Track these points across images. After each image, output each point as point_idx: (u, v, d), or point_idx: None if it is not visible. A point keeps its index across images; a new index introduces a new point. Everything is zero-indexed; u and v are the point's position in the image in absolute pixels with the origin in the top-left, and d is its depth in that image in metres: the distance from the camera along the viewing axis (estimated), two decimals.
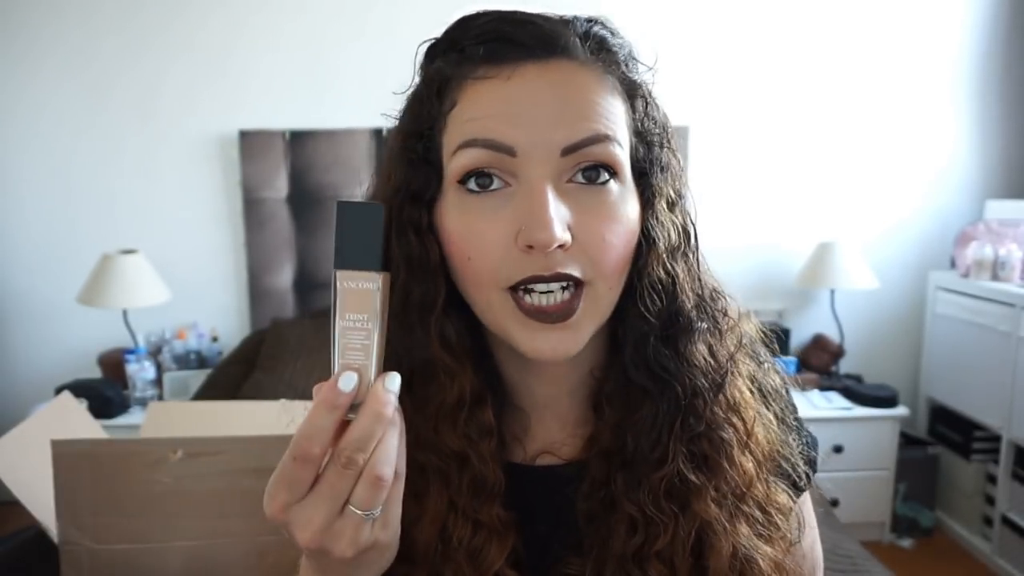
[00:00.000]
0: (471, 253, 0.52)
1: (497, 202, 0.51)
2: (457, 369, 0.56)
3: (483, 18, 0.54)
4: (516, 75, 0.51)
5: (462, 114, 0.52)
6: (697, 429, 0.57)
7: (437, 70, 0.54)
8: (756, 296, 2.94)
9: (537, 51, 0.52)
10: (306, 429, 0.44)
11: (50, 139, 2.79)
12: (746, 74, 2.87)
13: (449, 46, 0.55)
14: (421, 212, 0.55)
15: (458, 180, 0.52)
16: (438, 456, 0.57)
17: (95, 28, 2.73)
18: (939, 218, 2.97)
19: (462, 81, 0.53)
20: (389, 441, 0.45)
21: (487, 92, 0.51)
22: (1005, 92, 2.93)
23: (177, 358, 2.73)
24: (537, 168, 0.50)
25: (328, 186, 2.78)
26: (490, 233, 0.51)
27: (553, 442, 0.62)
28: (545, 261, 0.50)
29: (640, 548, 0.56)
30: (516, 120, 0.50)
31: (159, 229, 2.84)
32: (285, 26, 2.78)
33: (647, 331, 0.56)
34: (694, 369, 0.57)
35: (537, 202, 0.49)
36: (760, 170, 2.93)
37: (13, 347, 2.90)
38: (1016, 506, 2.50)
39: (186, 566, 1.21)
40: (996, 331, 2.50)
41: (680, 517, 0.56)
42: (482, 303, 0.54)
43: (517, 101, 0.51)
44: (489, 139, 0.50)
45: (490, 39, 0.52)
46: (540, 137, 0.50)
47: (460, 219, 0.52)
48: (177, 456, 1.20)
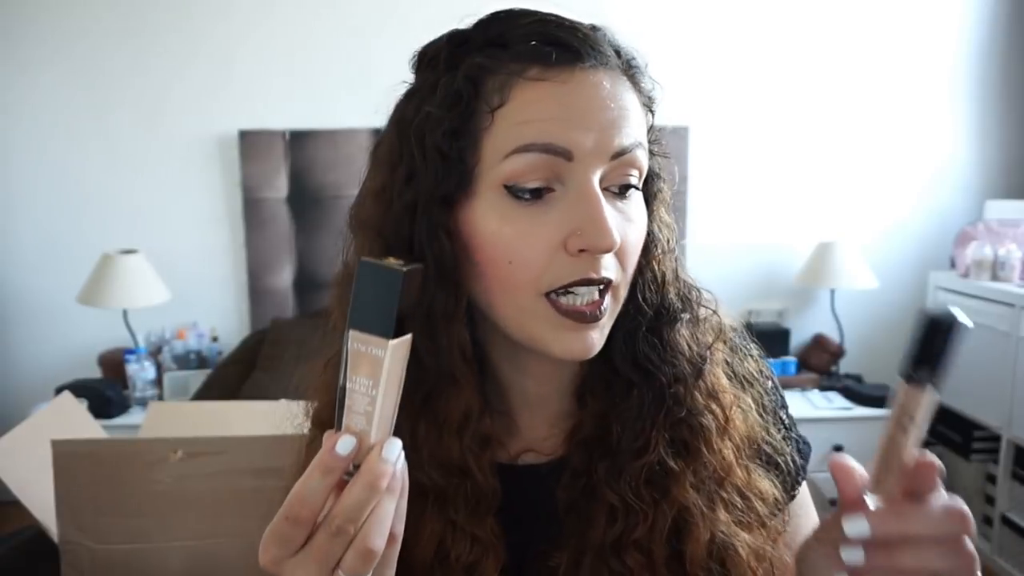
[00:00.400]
0: (512, 257, 0.52)
1: (543, 207, 0.52)
2: (469, 380, 0.56)
3: (528, 17, 0.54)
4: (569, 80, 0.51)
5: (515, 115, 0.51)
6: (678, 415, 0.58)
7: (478, 65, 0.52)
8: (756, 296, 2.94)
9: (587, 58, 0.52)
10: (299, 489, 0.43)
11: (51, 139, 2.79)
12: (746, 74, 2.87)
13: (489, 42, 0.53)
14: (450, 214, 0.53)
15: (504, 184, 0.51)
16: (440, 472, 0.56)
17: (96, 30, 2.73)
18: (939, 218, 2.97)
19: (511, 78, 0.52)
20: (383, 510, 0.44)
21: (543, 94, 0.51)
22: (1005, 92, 2.93)
23: (177, 358, 2.73)
24: (589, 172, 0.51)
25: (328, 186, 2.79)
26: (537, 238, 0.51)
27: (536, 439, 0.62)
28: (594, 264, 0.52)
29: (619, 537, 0.57)
30: (575, 124, 0.51)
31: (159, 229, 2.84)
32: (285, 26, 2.78)
33: (639, 323, 0.58)
34: (678, 356, 0.59)
35: (595, 207, 0.51)
36: (760, 170, 2.93)
37: (13, 347, 2.90)
38: (1016, 506, 2.49)
39: (186, 566, 1.21)
40: (996, 331, 2.50)
41: (660, 504, 0.57)
42: (510, 308, 0.54)
43: (575, 105, 0.51)
44: (548, 143, 0.50)
45: (541, 40, 0.52)
46: (597, 141, 0.51)
47: (503, 223, 0.52)
48: (177, 456, 1.20)
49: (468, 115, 0.52)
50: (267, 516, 0.46)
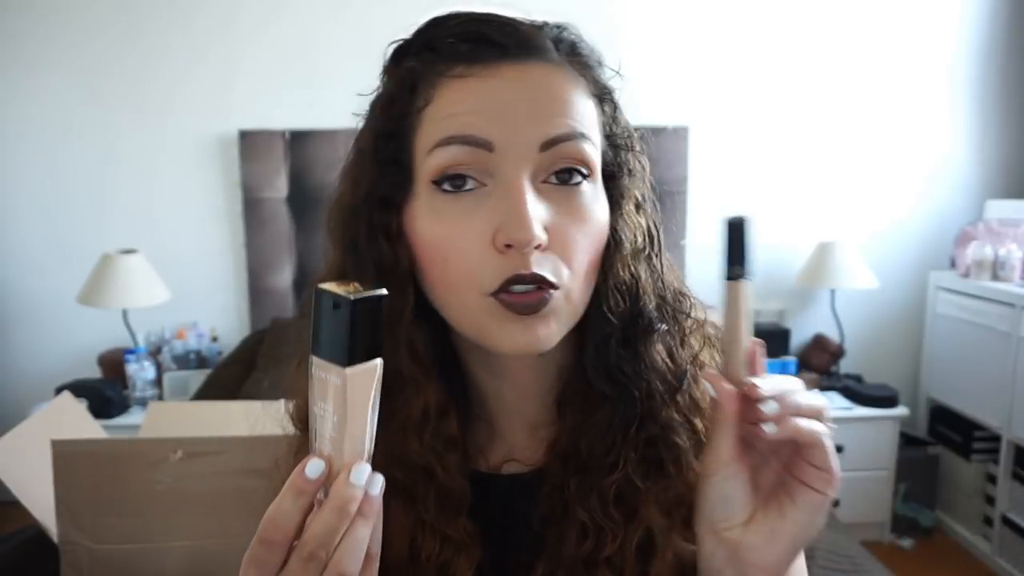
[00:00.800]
0: (447, 255, 0.51)
1: (472, 203, 0.51)
2: (424, 380, 0.56)
3: (458, 18, 0.54)
4: (493, 75, 0.51)
5: (438, 112, 0.52)
6: (651, 432, 0.57)
7: (410, 69, 0.54)
8: (756, 296, 2.93)
9: (514, 52, 0.52)
10: (272, 512, 0.43)
11: (50, 139, 2.79)
12: (746, 74, 2.87)
13: (422, 46, 0.54)
14: (391, 216, 0.54)
15: (432, 180, 0.51)
16: (403, 471, 0.56)
17: (95, 29, 2.73)
18: (939, 218, 2.97)
19: (437, 79, 0.52)
20: (356, 535, 0.43)
21: (464, 89, 0.51)
22: (1005, 91, 2.93)
23: (177, 358, 2.73)
24: (514, 164, 0.50)
25: (328, 186, 2.76)
26: (466, 234, 0.51)
27: (517, 448, 0.62)
28: (523, 260, 0.50)
29: (590, 554, 0.56)
30: (494, 115, 0.50)
31: (159, 229, 2.84)
32: (285, 26, 2.78)
33: (609, 332, 0.56)
34: (652, 372, 0.57)
35: (516, 199, 0.49)
36: (760, 170, 2.93)
37: (13, 347, 2.90)
38: (1016, 506, 2.49)
39: (186, 566, 1.21)
40: (996, 331, 2.50)
41: (628, 524, 0.56)
42: (458, 306, 0.53)
43: (495, 98, 0.51)
44: (467, 134, 0.50)
45: (467, 38, 0.52)
46: (518, 131, 0.50)
47: (434, 221, 0.52)
48: (177, 456, 1.20)
49: (400, 118, 0.54)
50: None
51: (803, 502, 0.50)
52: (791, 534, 0.50)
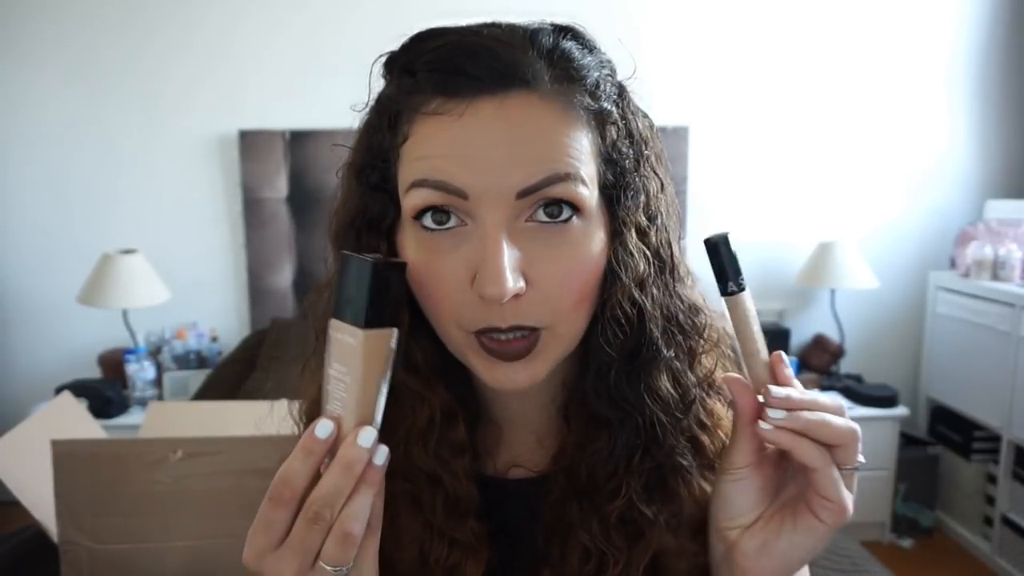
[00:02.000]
0: (430, 289, 0.51)
1: (454, 240, 0.49)
2: (426, 391, 0.56)
3: (437, 40, 0.50)
4: (469, 112, 0.47)
5: (413, 151, 0.50)
6: (657, 460, 0.55)
7: (388, 98, 0.52)
8: (756, 296, 2.89)
9: (492, 85, 0.48)
10: (282, 472, 0.44)
11: (50, 139, 2.79)
12: (746, 74, 2.87)
13: (402, 68, 0.52)
14: (379, 240, 0.54)
15: (413, 217, 0.50)
16: (409, 480, 0.56)
17: (96, 28, 2.73)
18: (939, 218, 2.97)
19: (413, 114, 0.50)
20: (360, 498, 0.44)
21: (438, 130, 0.48)
22: (1005, 91, 2.93)
23: (177, 358, 2.73)
24: (490, 212, 0.48)
25: (328, 186, 2.78)
26: (447, 273, 0.49)
27: (524, 454, 0.61)
28: (500, 311, 0.48)
29: (594, 574, 0.56)
30: (467, 162, 0.47)
31: (159, 229, 2.84)
32: (285, 26, 2.78)
33: (608, 361, 0.54)
34: (656, 400, 0.54)
35: (489, 252, 0.47)
36: (760, 169, 2.93)
37: (13, 347, 2.90)
38: (1016, 506, 2.49)
39: (186, 566, 1.21)
40: (996, 331, 2.50)
41: (633, 548, 0.55)
42: (444, 335, 0.53)
43: (469, 142, 0.47)
44: (439, 180, 0.48)
45: (442, 69, 0.48)
46: (493, 181, 0.47)
47: (418, 254, 0.51)
48: (177, 456, 1.20)
49: (380, 150, 0.53)
50: None
51: (802, 525, 0.50)
52: (782, 552, 0.50)
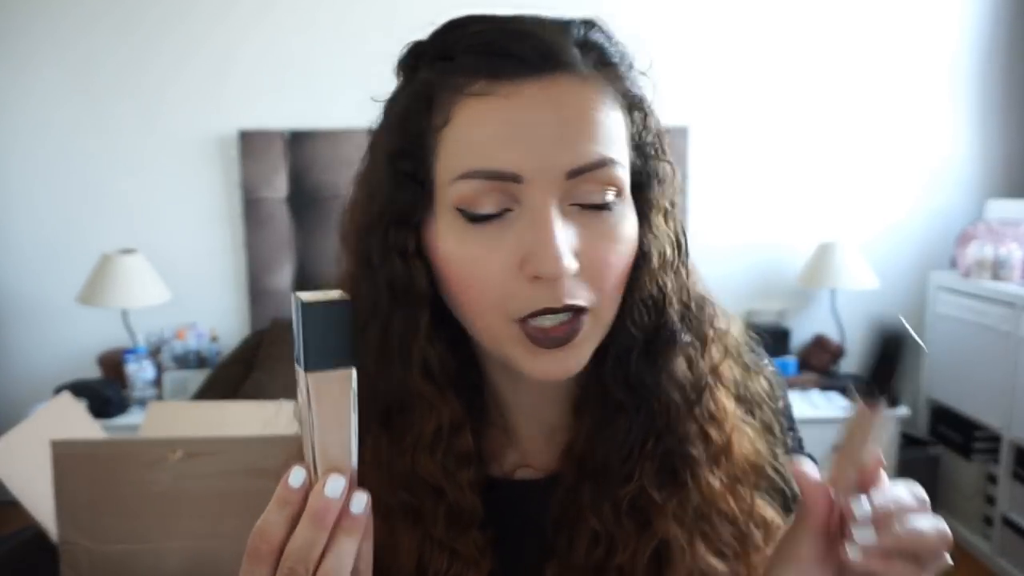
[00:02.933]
0: (472, 280, 0.50)
1: (498, 229, 0.49)
2: (438, 399, 0.54)
3: (477, 25, 0.50)
4: (516, 93, 0.48)
5: (459, 136, 0.49)
6: (669, 445, 0.55)
7: (426, 81, 0.51)
8: (756, 296, 2.94)
9: (538, 67, 0.48)
10: (259, 524, 0.42)
11: (50, 139, 2.79)
12: (746, 74, 2.87)
13: (438, 54, 0.51)
14: (408, 235, 0.52)
15: (456, 207, 0.49)
16: (411, 492, 0.55)
17: (95, 29, 2.73)
18: (940, 218, 2.97)
19: (455, 95, 0.49)
20: (337, 550, 0.41)
21: (485, 112, 0.48)
22: (1006, 91, 2.93)
23: (177, 358, 2.73)
24: (542, 193, 0.48)
25: (328, 186, 2.78)
26: (492, 262, 0.49)
27: (531, 453, 0.61)
28: (553, 291, 0.48)
29: (601, 562, 0.55)
30: (519, 145, 0.47)
31: (159, 229, 2.83)
32: (285, 26, 2.78)
33: (631, 345, 0.54)
34: (672, 383, 0.55)
35: (544, 231, 0.47)
36: (760, 170, 2.93)
37: (13, 347, 2.90)
38: (1017, 506, 2.49)
39: (185, 566, 1.21)
40: (997, 331, 2.49)
41: (641, 534, 0.55)
42: (484, 329, 0.52)
43: (520, 123, 0.48)
44: (492, 169, 0.48)
45: (487, 51, 0.48)
46: (545, 161, 0.48)
47: (459, 246, 0.50)
48: (177, 456, 1.20)
49: (417, 135, 0.51)
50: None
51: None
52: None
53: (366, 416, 0.50)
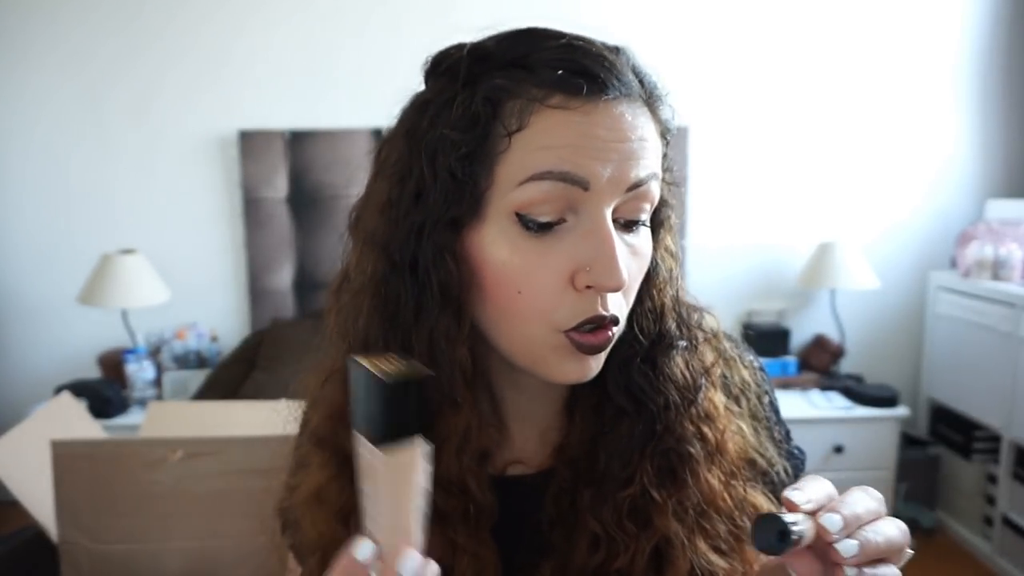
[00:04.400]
0: (522, 288, 0.51)
1: (553, 238, 0.51)
2: (467, 400, 0.55)
3: (555, 40, 0.52)
4: (591, 110, 0.50)
5: (534, 141, 0.50)
6: (668, 445, 0.58)
7: (499, 87, 0.51)
8: (756, 296, 2.94)
9: (612, 90, 0.51)
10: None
11: (50, 139, 2.79)
12: (746, 74, 2.87)
13: (513, 62, 0.52)
14: (458, 237, 0.52)
15: (517, 212, 0.50)
16: (440, 493, 0.55)
17: (94, 28, 2.73)
18: (940, 218, 2.97)
19: (532, 103, 0.50)
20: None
21: (562, 122, 0.50)
22: (1006, 91, 2.93)
23: (177, 358, 2.73)
24: (603, 204, 0.51)
25: (328, 186, 2.78)
26: (544, 269, 0.51)
27: (524, 451, 0.62)
28: (603, 301, 0.51)
29: (601, 564, 0.56)
30: (593, 154, 0.50)
31: (159, 229, 2.83)
32: (285, 26, 2.78)
33: (635, 352, 0.58)
34: (670, 385, 0.58)
35: (607, 243, 0.50)
36: (760, 170, 2.93)
37: (13, 347, 2.90)
38: (1017, 506, 2.49)
39: (185, 566, 1.21)
40: (997, 331, 2.49)
41: (641, 534, 0.56)
42: (518, 335, 0.53)
43: (594, 135, 0.50)
44: (566, 171, 0.49)
45: (567, 68, 0.50)
46: (613, 172, 0.50)
47: (512, 252, 0.51)
48: (177, 456, 1.20)
49: (484, 138, 0.51)
50: (265, 517, 0.46)
51: None
52: None
53: None
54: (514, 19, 0.56)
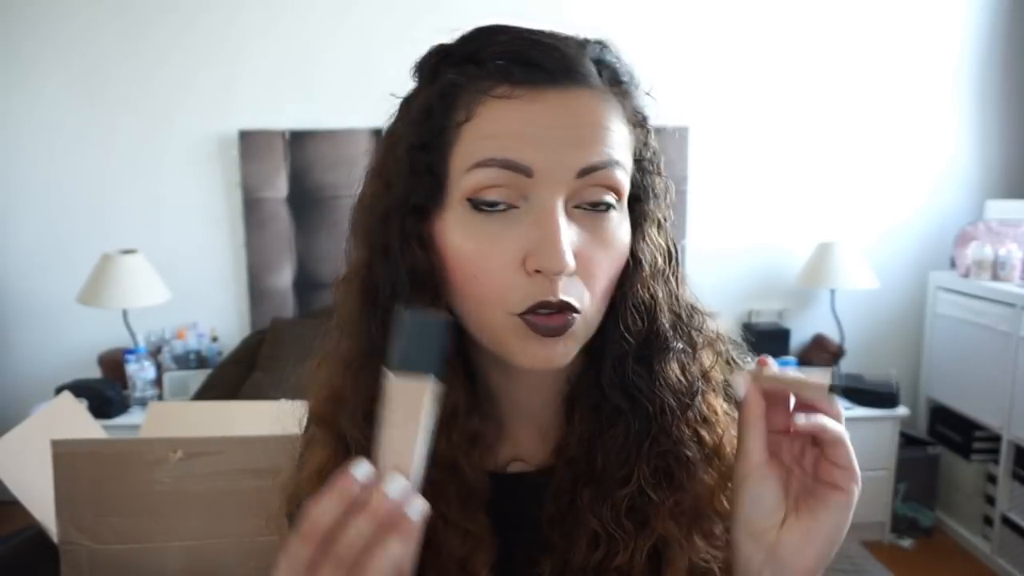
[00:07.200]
0: (476, 272, 0.53)
1: (504, 223, 0.52)
2: (451, 381, 0.56)
3: (505, 35, 0.53)
4: (536, 99, 0.51)
5: (478, 130, 0.52)
6: (664, 447, 0.58)
7: (451, 82, 0.54)
8: (756, 296, 2.94)
9: (558, 77, 0.52)
10: (312, 509, 0.44)
11: (50, 140, 2.79)
12: (746, 74, 2.87)
13: (465, 58, 0.54)
14: (424, 224, 0.55)
15: (467, 198, 0.52)
16: (430, 468, 0.56)
17: (94, 28, 2.73)
18: (939, 218, 2.97)
19: (479, 96, 0.52)
20: (385, 549, 0.43)
21: (507, 111, 0.51)
22: (1005, 92, 2.93)
23: (177, 358, 2.73)
24: (551, 190, 0.51)
25: (328, 186, 2.79)
26: (496, 254, 0.52)
27: (524, 449, 0.63)
28: (552, 287, 0.51)
29: (600, 562, 0.57)
30: (535, 141, 0.51)
31: (159, 229, 2.84)
32: (285, 26, 2.78)
33: (626, 350, 0.57)
34: (666, 389, 0.58)
35: (550, 227, 0.50)
36: (760, 170, 2.93)
37: (13, 347, 2.90)
38: (1016, 506, 2.49)
39: (186, 566, 1.21)
40: (996, 331, 2.50)
41: (639, 533, 0.57)
42: (482, 320, 0.55)
43: (538, 123, 0.51)
44: (507, 159, 0.51)
45: (513, 59, 0.52)
46: (557, 158, 0.51)
47: (467, 238, 0.53)
48: (177, 456, 1.20)
49: (437, 130, 0.53)
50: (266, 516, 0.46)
51: (833, 502, 0.52)
52: (825, 534, 0.52)
53: None
54: (514, 19, 0.56)
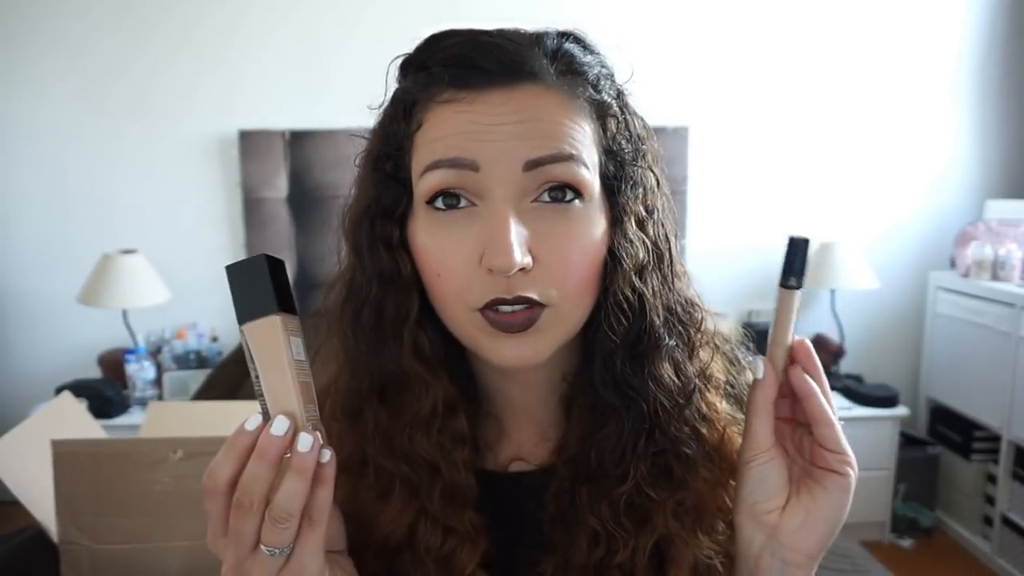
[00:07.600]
0: (439, 271, 0.53)
1: (463, 222, 0.52)
2: (431, 379, 0.57)
3: (450, 39, 0.54)
4: (480, 99, 0.52)
5: (427, 136, 0.53)
6: (662, 445, 0.57)
7: (404, 91, 0.56)
8: (756, 296, 2.94)
9: (501, 77, 0.52)
10: (210, 465, 0.47)
11: (50, 140, 2.79)
12: (746, 74, 2.87)
13: (418, 66, 0.55)
14: (392, 228, 0.56)
15: (426, 200, 0.53)
16: (410, 465, 0.57)
17: (94, 28, 2.73)
18: (939, 218, 2.97)
19: (428, 103, 0.53)
20: (287, 484, 0.45)
21: (451, 115, 0.52)
22: (1005, 92, 2.93)
23: (177, 358, 2.73)
24: (500, 186, 0.51)
25: (328, 186, 2.79)
26: (456, 253, 0.52)
27: (524, 448, 0.63)
28: (507, 284, 0.51)
29: (601, 560, 0.57)
30: (479, 137, 0.51)
31: (159, 229, 2.84)
32: (285, 26, 2.78)
33: (613, 349, 0.56)
34: (659, 386, 0.57)
35: (498, 225, 0.50)
36: (760, 170, 2.93)
37: (13, 347, 2.90)
38: (1016, 506, 2.49)
39: (185, 566, 1.21)
40: (996, 331, 2.50)
41: (640, 532, 0.57)
42: (450, 318, 0.55)
43: (480, 121, 0.51)
44: (452, 157, 0.51)
45: (455, 64, 0.52)
46: (502, 152, 0.51)
47: (429, 238, 0.54)
48: (177, 456, 1.20)
49: (396, 139, 0.56)
50: None
51: (831, 486, 0.53)
52: (826, 517, 0.53)
53: (365, 390, 0.58)
54: (514, 20, 0.57)
